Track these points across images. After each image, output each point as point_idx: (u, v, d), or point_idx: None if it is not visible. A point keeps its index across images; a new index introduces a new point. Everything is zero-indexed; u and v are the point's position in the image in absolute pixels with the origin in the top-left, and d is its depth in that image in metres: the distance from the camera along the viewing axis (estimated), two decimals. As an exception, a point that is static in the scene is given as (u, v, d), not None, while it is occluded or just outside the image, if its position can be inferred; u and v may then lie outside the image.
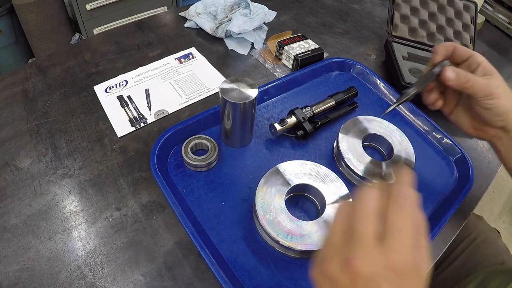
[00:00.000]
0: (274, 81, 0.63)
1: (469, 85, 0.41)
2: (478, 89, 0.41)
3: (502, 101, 0.41)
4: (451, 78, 0.42)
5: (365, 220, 0.25)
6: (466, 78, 0.41)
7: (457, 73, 0.42)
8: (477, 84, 0.41)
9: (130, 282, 0.42)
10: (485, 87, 0.41)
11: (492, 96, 0.41)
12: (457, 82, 0.42)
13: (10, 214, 0.47)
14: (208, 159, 0.51)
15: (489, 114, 0.42)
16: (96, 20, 1.62)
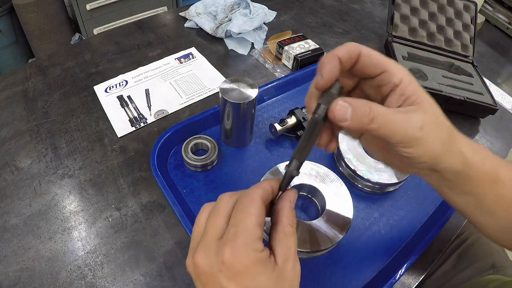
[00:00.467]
0: (274, 81, 0.63)
1: (374, 126, 0.26)
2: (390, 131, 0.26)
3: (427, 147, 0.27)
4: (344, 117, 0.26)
5: (213, 219, 0.27)
6: (369, 116, 0.26)
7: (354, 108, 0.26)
8: (390, 124, 0.26)
9: (130, 282, 0.42)
10: (401, 127, 0.26)
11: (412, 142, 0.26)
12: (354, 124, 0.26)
13: (10, 214, 0.47)
14: (208, 159, 0.51)
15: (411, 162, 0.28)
16: (96, 20, 1.62)
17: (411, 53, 0.75)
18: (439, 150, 0.28)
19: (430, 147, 0.27)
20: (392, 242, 0.47)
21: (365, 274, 0.43)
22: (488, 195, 0.32)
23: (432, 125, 0.27)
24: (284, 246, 0.27)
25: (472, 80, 0.72)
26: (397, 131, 0.26)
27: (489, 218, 0.33)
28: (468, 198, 0.32)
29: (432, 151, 0.28)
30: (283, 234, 0.27)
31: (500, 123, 0.71)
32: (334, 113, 0.26)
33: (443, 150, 0.28)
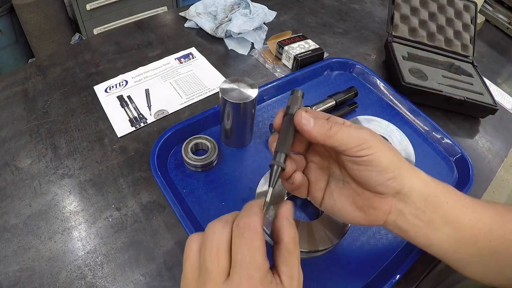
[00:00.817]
0: (274, 81, 0.63)
1: (331, 133, 0.29)
2: (346, 137, 0.29)
3: (382, 149, 0.29)
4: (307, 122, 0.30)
5: (213, 257, 0.25)
6: (328, 124, 0.30)
7: (315, 116, 0.31)
8: (343, 130, 0.29)
9: (130, 282, 0.42)
10: (355, 133, 0.29)
11: (366, 144, 0.29)
12: (315, 129, 0.30)
13: (10, 214, 0.47)
14: (208, 159, 0.51)
15: (370, 171, 0.30)
16: (96, 20, 1.62)
17: (411, 53, 0.75)
18: (397, 159, 0.30)
19: (385, 150, 0.30)
20: (391, 242, 0.47)
21: (365, 274, 0.43)
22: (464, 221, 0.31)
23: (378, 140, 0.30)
24: (288, 264, 0.27)
25: (472, 80, 0.72)
26: (352, 136, 0.29)
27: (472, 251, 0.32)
28: (446, 230, 0.31)
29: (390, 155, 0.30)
30: (287, 253, 0.27)
31: (500, 123, 0.71)
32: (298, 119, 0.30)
33: (401, 161, 0.31)
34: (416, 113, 0.63)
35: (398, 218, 0.32)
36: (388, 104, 0.66)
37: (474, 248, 0.32)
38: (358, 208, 0.32)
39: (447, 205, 0.31)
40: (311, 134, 0.30)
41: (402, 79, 0.66)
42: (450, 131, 0.63)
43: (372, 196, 0.31)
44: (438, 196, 0.31)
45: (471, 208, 0.32)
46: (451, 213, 0.31)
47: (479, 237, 0.32)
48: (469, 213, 0.32)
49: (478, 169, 0.59)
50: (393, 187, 0.30)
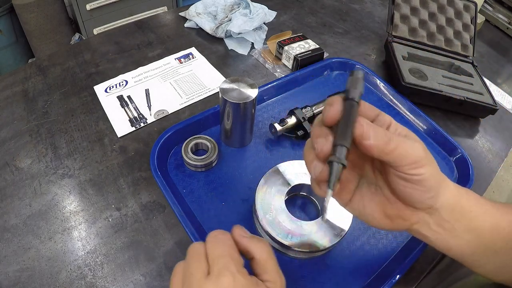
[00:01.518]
0: (274, 81, 0.63)
1: (391, 147, 0.26)
2: (403, 153, 0.27)
3: (431, 169, 0.28)
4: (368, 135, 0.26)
5: (193, 263, 0.28)
6: (387, 137, 0.27)
7: (374, 129, 0.27)
8: (401, 146, 0.27)
9: (130, 282, 0.42)
10: (411, 150, 0.27)
11: (421, 162, 0.27)
12: (375, 143, 0.26)
13: (10, 214, 0.47)
14: (208, 159, 0.51)
15: (415, 190, 0.28)
16: (96, 20, 1.62)
17: (411, 53, 0.75)
18: (440, 179, 0.30)
19: (434, 169, 0.29)
20: (391, 242, 0.47)
21: (365, 274, 0.43)
22: (485, 228, 0.32)
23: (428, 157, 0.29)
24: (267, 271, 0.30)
25: (472, 80, 0.72)
26: (409, 152, 0.27)
27: (489, 253, 0.32)
28: (468, 237, 0.31)
29: (436, 173, 0.29)
30: (263, 263, 0.30)
31: (500, 123, 0.71)
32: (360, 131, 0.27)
33: (440, 181, 0.30)
34: (416, 113, 0.63)
35: (422, 227, 0.31)
36: (388, 104, 0.66)
37: (491, 250, 0.32)
38: (386, 216, 0.31)
39: (470, 213, 0.31)
40: (369, 149, 0.27)
41: (402, 79, 0.66)
42: (450, 131, 0.63)
43: (404, 208, 0.30)
44: (463, 206, 0.31)
45: (491, 214, 0.33)
46: (473, 221, 0.32)
47: (497, 241, 0.32)
48: (489, 220, 0.32)
49: (478, 169, 0.59)
50: (429, 203, 0.30)
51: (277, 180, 0.47)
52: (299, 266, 0.43)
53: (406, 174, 0.28)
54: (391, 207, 0.31)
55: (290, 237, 0.42)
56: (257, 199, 0.45)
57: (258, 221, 0.44)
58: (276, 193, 0.46)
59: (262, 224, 0.43)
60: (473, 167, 0.54)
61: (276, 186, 0.47)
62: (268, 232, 0.42)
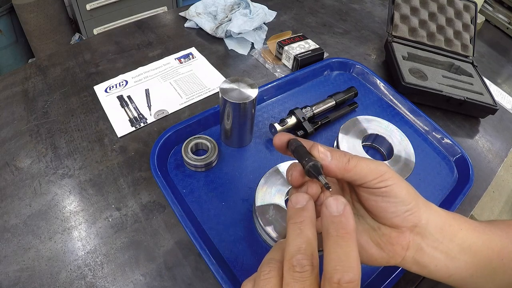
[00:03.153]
0: (274, 81, 0.63)
1: (350, 165, 0.29)
2: (365, 169, 0.29)
3: (399, 182, 0.29)
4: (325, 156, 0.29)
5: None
6: (346, 157, 0.29)
7: (332, 151, 0.29)
8: (362, 162, 0.29)
9: (130, 282, 0.42)
10: (374, 166, 0.29)
11: (385, 176, 0.29)
12: (335, 162, 0.29)
13: (10, 214, 0.47)
14: (208, 159, 0.51)
15: (390, 203, 0.29)
16: (96, 20, 1.62)
17: (411, 53, 0.75)
18: (413, 192, 0.30)
19: (402, 183, 0.29)
20: (392, 242, 0.47)
21: (365, 274, 0.43)
22: (478, 244, 0.32)
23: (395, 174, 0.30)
24: None
25: (472, 80, 0.72)
26: (371, 168, 0.29)
27: (487, 272, 0.32)
28: (464, 257, 0.31)
29: (408, 189, 0.30)
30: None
31: (500, 123, 0.71)
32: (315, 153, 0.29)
33: (416, 197, 0.30)
34: (416, 113, 0.63)
35: (417, 253, 0.31)
36: (388, 104, 0.66)
37: (489, 269, 0.32)
38: (375, 245, 0.31)
39: (461, 232, 0.31)
40: (330, 169, 0.29)
41: (402, 79, 0.67)
42: (450, 131, 0.63)
43: (389, 231, 0.31)
44: (452, 224, 0.31)
45: (482, 230, 0.32)
46: (466, 240, 0.31)
47: (492, 258, 0.32)
48: (481, 236, 0.32)
49: (478, 169, 0.59)
50: (410, 219, 0.30)
51: (277, 180, 0.47)
52: (299, 266, 0.43)
53: (373, 188, 0.29)
54: (376, 233, 0.31)
55: (290, 237, 0.42)
56: (257, 199, 0.45)
57: (258, 221, 0.44)
58: (276, 193, 0.46)
59: (262, 224, 0.43)
60: (473, 167, 0.54)
61: (276, 186, 0.47)
62: (268, 232, 0.42)
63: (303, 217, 0.24)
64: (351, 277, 0.20)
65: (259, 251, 0.44)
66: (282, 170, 0.48)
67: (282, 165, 0.49)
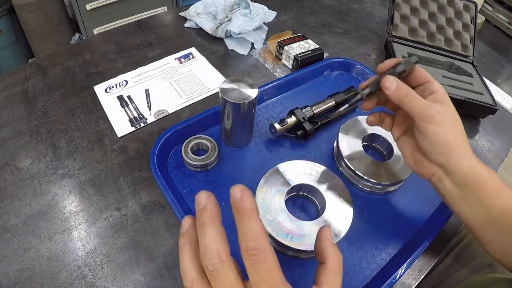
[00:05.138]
0: (274, 81, 0.63)
1: (407, 100, 0.36)
2: (416, 107, 0.36)
3: (441, 129, 0.36)
4: (390, 87, 0.37)
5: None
6: (406, 92, 0.37)
7: (398, 84, 0.37)
8: (416, 101, 0.36)
9: (130, 282, 0.42)
10: (424, 107, 0.36)
11: (429, 119, 0.36)
12: (395, 93, 0.37)
13: (10, 214, 0.47)
14: (208, 159, 0.51)
15: (426, 142, 0.37)
16: (96, 20, 1.62)
17: (411, 53, 0.75)
18: (452, 141, 0.36)
19: (442, 130, 0.36)
20: (391, 242, 0.47)
21: (365, 274, 0.43)
22: (496, 207, 0.36)
23: (448, 120, 0.36)
24: (331, 284, 0.27)
25: (472, 80, 0.72)
26: (421, 108, 0.36)
27: (496, 231, 0.37)
28: (478, 208, 0.37)
29: (443, 133, 0.36)
30: (332, 273, 0.28)
31: (500, 123, 0.71)
32: (385, 82, 0.37)
33: (455, 144, 0.36)
34: (416, 113, 0.63)
35: (439, 183, 0.39)
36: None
37: (499, 229, 0.36)
38: (412, 158, 0.41)
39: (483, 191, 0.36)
40: (391, 96, 0.37)
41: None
42: (450, 131, 0.63)
43: (423, 157, 0.39)
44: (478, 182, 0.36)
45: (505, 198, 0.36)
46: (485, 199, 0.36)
47: (505, 222, 0.36)
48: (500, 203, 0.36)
49: (478, 169, 0.59)
50: (439, 160, 0.37)
51: (277, 180, 0.47)
52: (298, 265, 0.43)
53: (417, 125, 0.37)
54: (416, 153, 0.40)
55: (290, 237, 0.42)
56: (257, 199, 0.45)
57: (258, 221, 0.43)
58: (276, 193, 0.46)
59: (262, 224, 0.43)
60: (473, 167, 0.54)
61: (276, 186, 0.47)
62: (268, 232, 0.42)
63: (204, 217, 0.26)
64: (253, 245, 0.24)
65: (259, 251, 0.44)
66: (282, 170, 0.48)
67: (282, 165, 0.49)
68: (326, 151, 0.57)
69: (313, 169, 0.49)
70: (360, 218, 0.48)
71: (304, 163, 0.49)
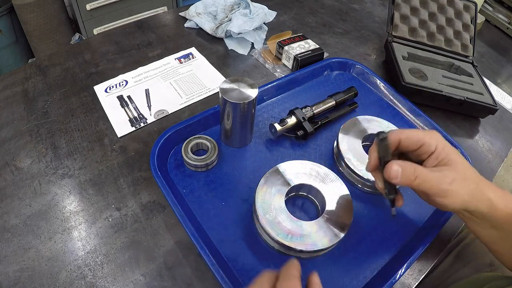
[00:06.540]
0: (274, 81, 0.63)
1: (417, 183, 0.36)
2: (428, 187, 0.36)
3: (456, 198, 0.36)
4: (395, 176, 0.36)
5: None
6: (414, 175, 0.35)
7: (403, 168, 0.36)
8: (427, 181, 0.35)
9: (130, 282, 0.42)
10: (436, 183, 0.36)
11: (444, 194, 0.36)
12: (402, 180, 0.36)
13: (10, 214, 0.47)
14: (208, 159, 0.51)
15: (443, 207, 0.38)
16: (96, 20, 1.62)
17: (411, 53, 0.75)
18: (467, 199, 0.36)
19: (459, 198, 0.36)
20: (391, 242, 0.47)
21: (364, 274, 0.43)
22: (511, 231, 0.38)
23: (460, 181, 0.36)
24: None
25: (472, 80, 0.72)
26: (433, 187, 0.36)
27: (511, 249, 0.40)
28: (494, 232, 0.39)
29: (461, 200, 0.36)
30: None
31: (500, 123, 0.71)
32: (388, 171, 0.36)
33: (471, 198, 0.36)
34: (416, 113, 0.63)
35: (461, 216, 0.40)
36: (388, 104, 0.66)
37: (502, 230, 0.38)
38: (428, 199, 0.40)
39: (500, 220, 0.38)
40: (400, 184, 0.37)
41: (402, 79, 0.67)
42: (450, 131, 0.63)
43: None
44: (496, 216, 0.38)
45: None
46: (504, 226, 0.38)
47: None
48: None
49: (478, 169, 0.58)
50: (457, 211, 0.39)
51: (277, 180, 0.47)
52: (299, 266, 0.43)
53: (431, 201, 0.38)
54: None
55: (290, 237, 0.42)
56: (257, 199, 0.45)
57: (258, 221, 0.44)
58: (276, 193, 0.46)
59: (262, 224, 0.43)
60: (473, 167, 0.54)
61: (276, 186, 0.47)
62: (268, 232, 0.42)
63: None
64: None
65: (259, 251, 0.44)
66: (282, 170, 0.48)
67: (282, 165, 0.49)
68: (326, 151, 0.57)
69: (313, 169, 0.49)
70: (360, 218, 0.48)
71: (304, 163, 0.49)
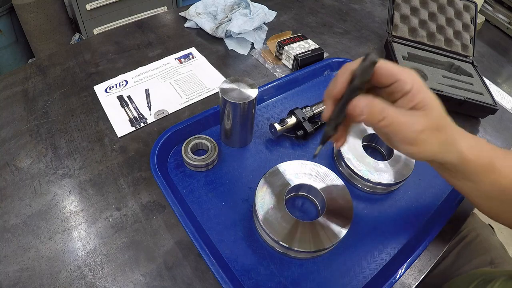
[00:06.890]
0: (274, 81, 0.63)
1: (382, 124, 0.30)
2: (394, 131, 0.30)
3: (424, 147, 0.31)
4: (359, 112, 0.30)
5: None
6: (381, 115, 0.29)
7: (371, 106, 0.29)
8: (394, 124, 0.29)
9: (130, 282, 0.42)
10: (404, 129, 0.30)
11: (411, 141, 0.30)
12: (368, 118, 0.30)
13: (10, 214, 0.47)
14: (208, 159, 0.51)
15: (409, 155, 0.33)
16: (96, 20, 1.62)
17: (411, 53, 0.75)
18: (437, 150, 0.32)
19: (427, 148, 0.31)
20: (391, 242, 0.47)
21: (365, 274, 0.43)
22: (484, 182, 0.36)
23: (431, 130, 0.30)
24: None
25: (472, 80, 0.72)
26: (400, 131, 0.30)
27: (487, 200, 0.38)
28: (467, 183, 0.37)
29: (430, 150, 0.32)
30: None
31: (500, 123, 0.71)
32: (355, 109, 0.30)
33: (440, 149, 0.32)
34: (416, 113, 0.63)
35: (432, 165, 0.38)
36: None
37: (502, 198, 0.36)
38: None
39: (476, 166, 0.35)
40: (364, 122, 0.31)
41: (402, 79, 0.66)
42: (450, 131, 0.62)
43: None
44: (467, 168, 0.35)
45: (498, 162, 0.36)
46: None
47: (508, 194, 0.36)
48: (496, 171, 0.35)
49: (478, 169, 0.59)
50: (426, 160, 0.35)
51: (277, 180, 0.47)
52: (299, 266, 0.43)
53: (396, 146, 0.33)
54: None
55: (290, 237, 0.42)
56: (257, 199, 0.45)
57: (258, 221, 0.44)
58: (276, 193, 0.46)
59: (262, 224, 0.43)
60: (473, 167, 0.54)
61: (276, 186, 0.47)
62: (268, 232, 0.42)
63: None
64: None
65: (259, 251, 0.44)
66: (282, 170, 0.48)
67: (282, 165, 0.49)
68: (326, 151, 0.57)
69: (313, 169, 0.49)
70: (360, 218, 0.48)
71: (304, 163, 0.49)
